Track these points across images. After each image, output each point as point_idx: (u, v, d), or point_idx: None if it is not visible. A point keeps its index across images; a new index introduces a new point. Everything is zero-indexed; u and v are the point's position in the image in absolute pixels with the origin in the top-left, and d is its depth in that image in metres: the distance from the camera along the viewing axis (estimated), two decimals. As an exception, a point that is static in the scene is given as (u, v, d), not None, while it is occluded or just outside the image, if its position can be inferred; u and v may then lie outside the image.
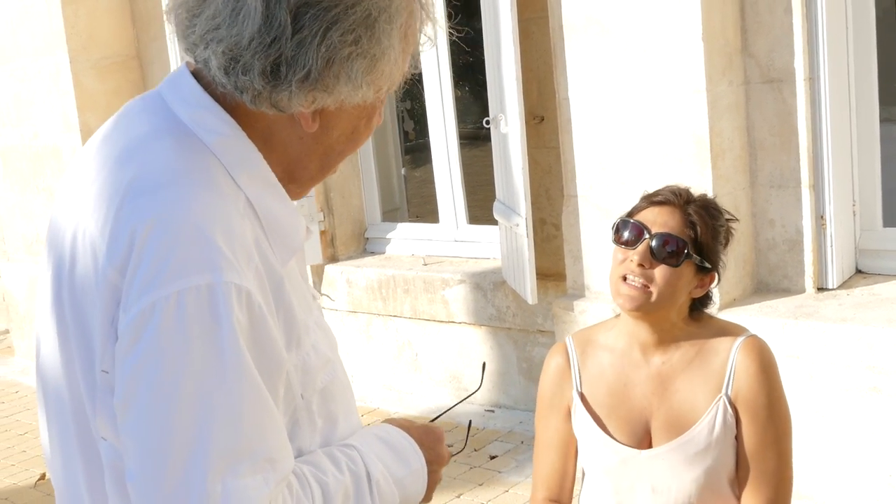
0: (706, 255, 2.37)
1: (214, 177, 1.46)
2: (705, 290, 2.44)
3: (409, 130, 13.06)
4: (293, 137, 1.53)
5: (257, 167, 1.51)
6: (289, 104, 1.46)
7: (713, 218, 2.40)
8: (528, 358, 5.83)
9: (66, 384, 1.53)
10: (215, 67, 1.45)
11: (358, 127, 1.58)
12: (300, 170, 1.58)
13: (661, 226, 2.35)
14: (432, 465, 1.74)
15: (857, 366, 4.14)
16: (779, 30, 4.48)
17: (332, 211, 6.71)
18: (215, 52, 1.44)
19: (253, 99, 1.46)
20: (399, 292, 6.26)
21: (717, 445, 2.36)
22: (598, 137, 4.79)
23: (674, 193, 2.41)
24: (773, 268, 4.71)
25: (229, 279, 1.36)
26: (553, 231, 5.92)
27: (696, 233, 2.35)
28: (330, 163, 1.60)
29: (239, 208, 1.46)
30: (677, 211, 2.37)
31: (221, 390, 1.34)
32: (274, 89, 1.44)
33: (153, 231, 1.37)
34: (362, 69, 1.46)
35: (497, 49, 5.30)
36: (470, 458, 5.41)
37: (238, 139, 1.50)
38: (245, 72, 1.43)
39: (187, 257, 1.36)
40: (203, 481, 1.31)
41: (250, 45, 1.41)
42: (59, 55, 6.98)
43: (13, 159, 7.53)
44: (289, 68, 1.42)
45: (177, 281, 1.35)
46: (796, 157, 4.55)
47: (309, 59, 1.42)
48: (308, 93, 1.44)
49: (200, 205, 1.41)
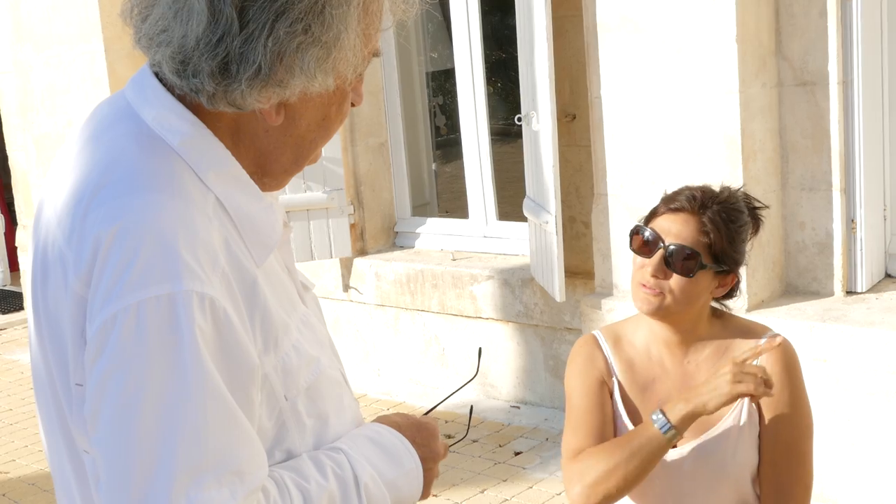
0: (723, 260, 2.37)
1: (180, 180, 1.42)
2: (727, 290, 2.45)
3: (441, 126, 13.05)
4: (259, 131, 1.50)
5: (225, 165, 1.47)
6: (244, 102, 1.42)
7: (731, 221, 2.39)
8: (554, 355, 5.84)
9: (50, 394, 1.51)
10: (168, 71, 1.43)
11: (328, 114, 1.53)
12: (272, 163, 1.53)
13: (675, 236, 2.36)
14: (427, 463, 1.69)
15: (884, 370, 4.12)
16: (813, 32, 4.47)
17: (361, 204, 6.73)
18: (164, 55, 1.41)
19: (209, 100, 1.43)
20: (427, 287, 6.28)
21: (741, 444, 2.38)
22: (629, 136, 4.79)
23: (690, 199, 2.39)
24: (802, 270, 4.70)
25: (190, 287, 1.33)
26: (582, 229, 5.92)
27: (711, 240, 2.35)
28: (303, 153, 1.55)
29: (207, 211, 1.42)
30: (692, 218, 2.37)
31: (183, 403, 1.31)
32: (227, 89, 1.40)
33: (115, 240, 1.35)
34: (315, 58, 1.41)
35: (530, 46, 5.31)
36: (494, 453, 5.42)
37: (203, 138, 1.46)
38: (195, 74, 1.40)
39: (148, 267, 1.33)
40: (167, 496, 1.29)
41: (198, 45, 1.38)
42: (95, 43, 7.01)
43: (46, 147, 7.58)
44: (238, 66, 1.38)
45: (137, 292, 1.32)
46: (828, 160, 4.54)
47: (258, 55, 1.38)
48: (261, 89, 1.41)
49: (163, 211, 1.37)
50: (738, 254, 2.42)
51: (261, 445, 1.41)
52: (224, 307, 1.37)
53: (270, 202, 1.55)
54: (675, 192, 2.45)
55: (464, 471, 5.20)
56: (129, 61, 7.08)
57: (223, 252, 1.42)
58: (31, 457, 5.94)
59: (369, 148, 6.71)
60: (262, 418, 1.49)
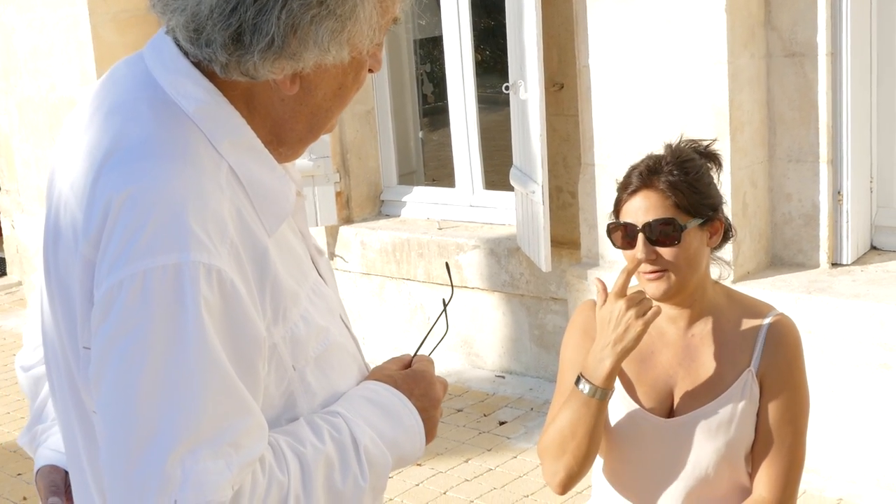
0: (698, 212, 2.36)
1: (194, 148, 1.42)
2: (720, 236, 2.43)
3: (428, 93, 13.02)
4: (275, 100, 1.49)
5: (240, 134, 1.47)
6: (257, 72, 1.41)
7: (686, 173, 2.36)
8: (539, 325, 5.84)
9: (60, 356, 1.52)
10: (182, 39, 1.42)
11: (345, 83, 1.52)
12: (287, 132, 1.53)
13: (644, 213, 2.34)
14: (428, 412, 1.68)
15: (869, 342, 4.14)
16: (802, 3, 4.45)
17: (348, 172, 6.71)
18: (178, 23, 1.40)
19: (222, 69, 1.42)
20: (413, 256, 6.27)
21: (740, 419, 2.37)
22: (617, 106, 4.77)
23: (639, 176, 2.37)
24: (788, 242, 4.70)
25: (197, 259, 1.33)
26: (569, 199, 5.91)
27: (677, 200, 2.34)
28: (319, 122, 1.54)
29: (219, 180, 1.42)
30: (649, 191, 2.35)
31: (183, 373, 1.32)
32: (240, 59, 1.39)
33: (125, 206, 1.34)
34: (329, 31, 1.40)
35: (519, 14, 5.28)
36: (479, 423, 5.43)
37: (218, 106, 1.45)
38: (208, 43, 1.39)
39: (157, 235, 1.33)
40: (162, 464, 1.29)
41: (211, 14, 1.37)
42: (79, 7, 6.95)
43: (29, 111, 7.53)
44: (251, 37, 1.37)
45: (144, 259, 1.32)
46: (815, 132, 4.53)
47: (271, 26, 1.36)
48: (274, 61, 1.40)
49: (175, 180, 1.37)
50: (710, 198, 2.39)
51: (262, 418, 1.40)
52: (231, 279, 1.37)
53: (284, 171, 1.54)
54: (626, 175, 2.42)
55: (448, 440, 5.21)
56: (113, 25, 7.03)
57: (234, 222, 1.41)
58: (12, 424, 5.93)
59: (356, 115, 6.68)
60: (270, 388, 1.48)
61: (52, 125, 7.43)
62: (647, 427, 2.42)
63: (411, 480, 4.80)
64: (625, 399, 2.44)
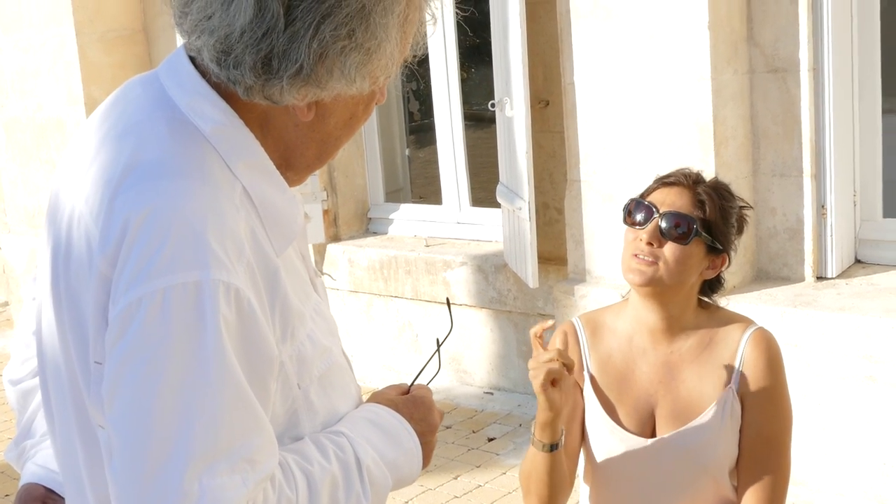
0: (716, 235, 2.38)
1: (210, 167, 1.43)
2: (717, 272, 2.44)
3: (415, 111, 13.04)
4: (289, 125, 1.51)
5: (255, 156, 1.48)
6: (281, 97, 1.43)
7: (723, 199, 2.40)
8: (527, 341, 5.85)
9: (64, 370, 1.51)
10: (207, 59, 1.43)
11: (356, 113, 1.55)
12: (297, 157, 1.55)
13: (670, 205, 2.36)
14: (426, 436, 1.72)
15: (854, 355, 4.16)
16: (784, 20, 4.49)
17: (335, 190, 6.73)
18: (207, 43, 1.41)
19: (245, 91, 1.43)
20: (401, 273, 6.28)
21: (723, 436, 2.37)
22: (602, 123, 4.80)
23: (684, 175, 2.42)
24: (773, 256, 4.73)
25: (217, 277, 1.34)
26: (555, 215, 5.93)
27: (705, 212, 2.36)
28: (328, 150, 1.57)
29: (234, 200, 1.43)
30: (686, 191, 2.39)
31: (202, 390, 1.33)
32: (266, 83, 1.41)
33: (144, 223, 1.35)
34: (356, 63, 1.43)
35: (504, 32, 5.31)
36: (468, 439, 5.44)
37: (235, 128, 1.47)
38: (236, 66, 1.40)
39: (176, 253, 1.34)
40: (180, 480, 1.30)
41: (242, 37, 1.38)
42: (66, 27, 6.97)
43: (16, 131, 7.53)
44: (280, 63, 1.39)
45: (164, 277, 1.33)
46: (799, 146, 4.57)
47: (301, 54, 1.38)
48: (300, 88, 1.42)
49: (193, 198, 1.38)
50: (728, 234, 2.42)
51: (273, 434, 1.42)
52: (248, 297, 1.38)
53: (293, 194, 1.56)
54: (669, 172, 2.47)
55: (437, 457, 5.21)
56: (100, 45, 7.05)
57: (249, 242, 1.43)
58: (2, 444, 5.91)
59: (342, 134, 6.69)
60: (276, 405, 1.50)
61: (39, 145, 7.43)
62: (630, 448, 2.42)
63: (401, 497, 4.80)
64: (606, 421, 2.44)
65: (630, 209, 2.41)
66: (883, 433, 4.17)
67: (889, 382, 4.10)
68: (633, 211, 2.40)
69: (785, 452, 2.41)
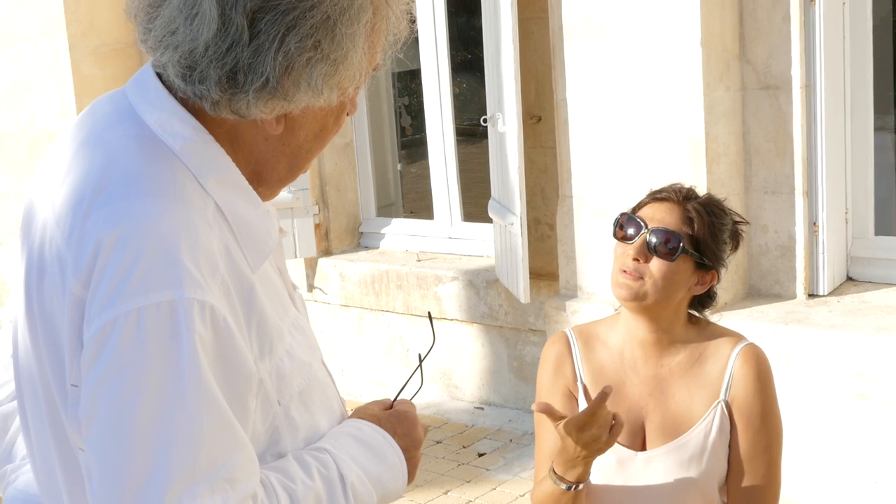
0: (704, 252, 2.38)
1: (181, 185, 1.42)
2: (706, 288, 2.45)
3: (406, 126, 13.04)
4: (259, 139, 1.49)
5: (226, 171, 1.47)
6: (248, 111, 1.42)
7: (713, 216, 2.41)
8: (518, 356, 5.85)
9: (41, 392, 1.49)
10: (173, 75, 1.42)
11: (326, 125, 1.54)
12: (268, 171, 1.54)
13: (659, 221, 2.37)
14: (410, 452, 1.71)
15: (846, 373, 4.16)
16: (776, 37, 4.50)
17: (326, 204, 6.72)
18: (171, 59, 1.40)
19: (212, 106, 1.42)
20: (392, 287, 6.28)
21: (712, 451, 2.37)
22: (594, 139, 4.81)
23: (676, 191, 2.43)
24: (764, 273, 4.74)
25: (192, 295, 1.33)
26: (547, 231, 5.93)
27: (694, 229, 2.37)
28: (299, 163, 1.56)
29: (207, 217, 1.42)
30: (676, 207, 2.39)
31: (179, 410, 1.31)
32: (232, 98, 1.40)
33: (117, 244, 1.34)
34: (323, 74, 1.42)
35: (496, 48, 5.31)
36: (458, 454, 5.43)
37: (205, 144, 1.46)
38: (202, 80, 1.39)
39: (149, 273, 1.33)
40: (160, 501, 1.29)
41: (206, 52, 1.37)
42: (59, 41, 6.96)
43: (9, 144, 7.52)
44: (246, 76, 1.38)
45: (138, 297, 1.32)
46: (791, 163, 4.57)
47: (266, 67, 1.37)
48: (267, 101, 1.41)
49: (165, 217, 1.37)
50: (719, 250, 2.42)
51: (253, 452, 1.41)
52: (224, 315, 1.37)
53: (267, 209, 1.55)
54: (662, 187, 2.47)
55: (427, 472, 5.20)
56: (93, 58, 7.05)
57: (223, 259, 1.42)
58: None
59: (334, 148, 6.70)
60: (256, 423, 1.49)
61: (32, 158, 7.42)
62: (620, 461, 2.42)
63: (391, 513, 4.78)
64: None
65: (621, 223, 2.42)
66: (874, 451, 4.17)
67: (880, 400, 4.10)
68: (624, 225, 2.41)
69: (775, 468, 2.41)
